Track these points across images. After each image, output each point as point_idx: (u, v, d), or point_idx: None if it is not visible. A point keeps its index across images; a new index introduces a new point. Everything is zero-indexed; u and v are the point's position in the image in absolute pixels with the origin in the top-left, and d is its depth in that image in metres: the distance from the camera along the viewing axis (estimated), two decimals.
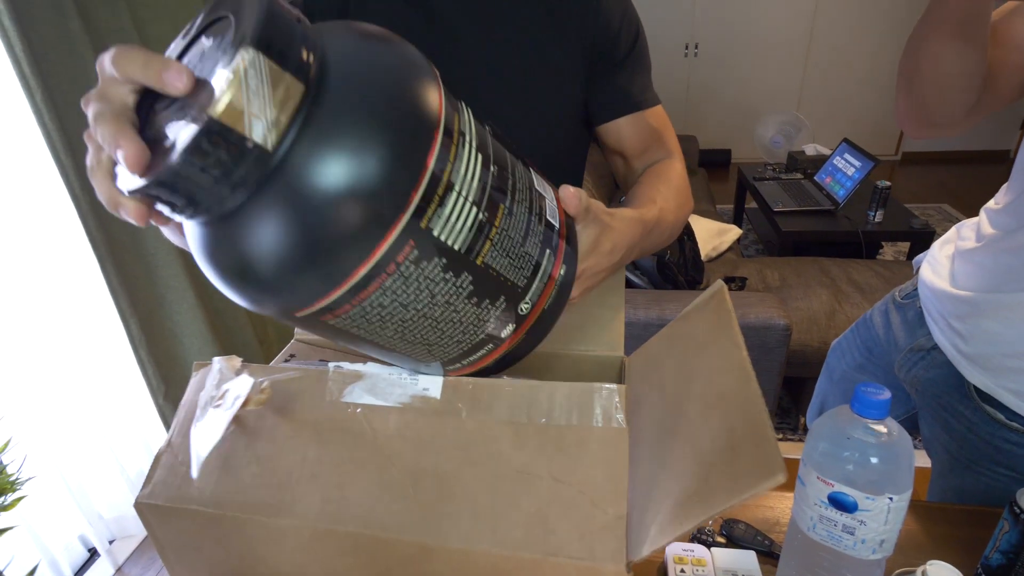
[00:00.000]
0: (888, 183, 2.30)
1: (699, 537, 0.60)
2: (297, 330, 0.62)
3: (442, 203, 0.29)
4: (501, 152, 0.35)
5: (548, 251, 0.36)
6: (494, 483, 0.34)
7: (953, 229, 0.73)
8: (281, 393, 0.40)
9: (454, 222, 0.30)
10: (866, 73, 4.04)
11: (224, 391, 0.39)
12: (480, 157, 0.32)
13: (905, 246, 2.91)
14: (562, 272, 0.38)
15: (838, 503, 0.49)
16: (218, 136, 0.24)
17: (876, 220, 2.33)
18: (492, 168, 0.33)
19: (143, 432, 1.46)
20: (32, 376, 1.21)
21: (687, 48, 4.08)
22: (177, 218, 0.29)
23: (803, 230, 2.35)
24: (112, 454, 1.37)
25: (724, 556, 0.56)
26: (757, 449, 0.25)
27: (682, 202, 0.63)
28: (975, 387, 0.65)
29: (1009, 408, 0.62)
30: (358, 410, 0.38)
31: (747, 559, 0.56)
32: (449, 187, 0.29)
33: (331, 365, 0.40)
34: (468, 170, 0.31)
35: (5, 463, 0.51)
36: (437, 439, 0.36)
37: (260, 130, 0.25)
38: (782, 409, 2.01)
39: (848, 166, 2.46)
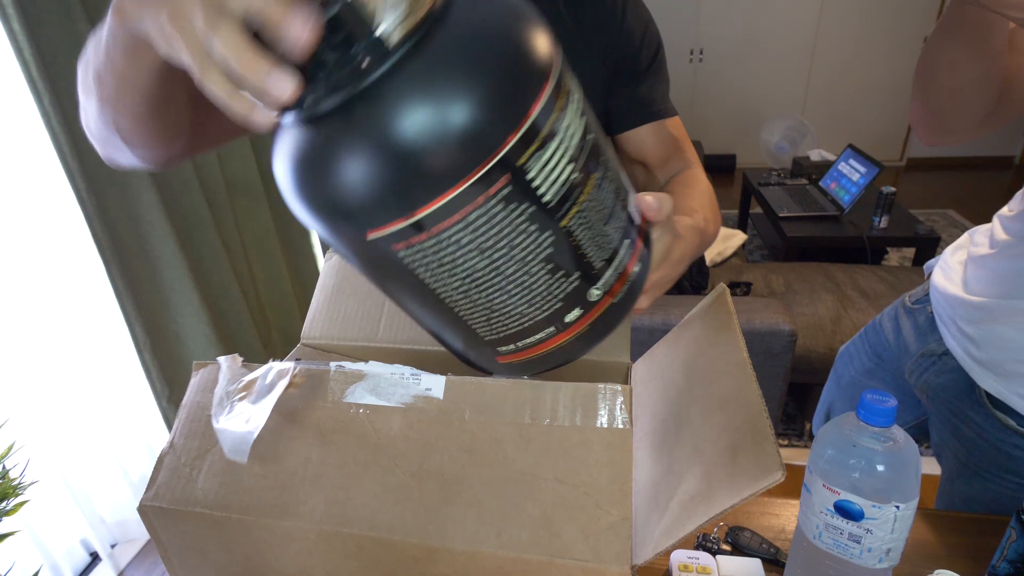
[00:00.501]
0: (893, 189, 2.30)
1: (704, 544, 0.60)
2: (304, 334, 0.62)
3: (543, 146, 0.29)
4: (599, 129, 0.35)
5: (627, 241, 0.36)
6: (499, 485, 0.34)
7: (966, 235, 0.72)
8: (284, 394, 0.40)
9: (549, 171, 0.30)
10: (871, 79, 4.03)
11: (246, 382, 0.39)
12: (583, 121, 0.32)
13: (910, 252, 2.90)
14: (635, 270, 0.37)
15: (844, 511, 0.48)
16: (347, 21, 0.25)
17: (881, 226, 2.32)
18: (590, 136, 0.33)
19: (146, 435, 1.47)
20: (35, 379, 1.21)
21: (692, 54, 4.08)
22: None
23: (808, 235, 2.34)
24: (115, 458, 1.37)
25: (729, 564, 0.56)
26: (756, 448, 0.25)
27: (716, 213, 0.63)
28: (987, 393, 0.65)
29: (1021, 414, 0.62)
30: (361, 411, 0.38)
31: (752, 567, 0.56)
32: (552, 134, 0.30)
33: (333, 365, 0.40)
34: (571, 126, 0.31)
35: (7, 467, 0.51)
36: (441, 440, 0.36)
37: (386, 26, 0.26)
38: (787, 415, 2.00)
39: (853, 172, 2.46)
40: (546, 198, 0.30)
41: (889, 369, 0.81)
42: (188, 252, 1.47)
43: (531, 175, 0.29)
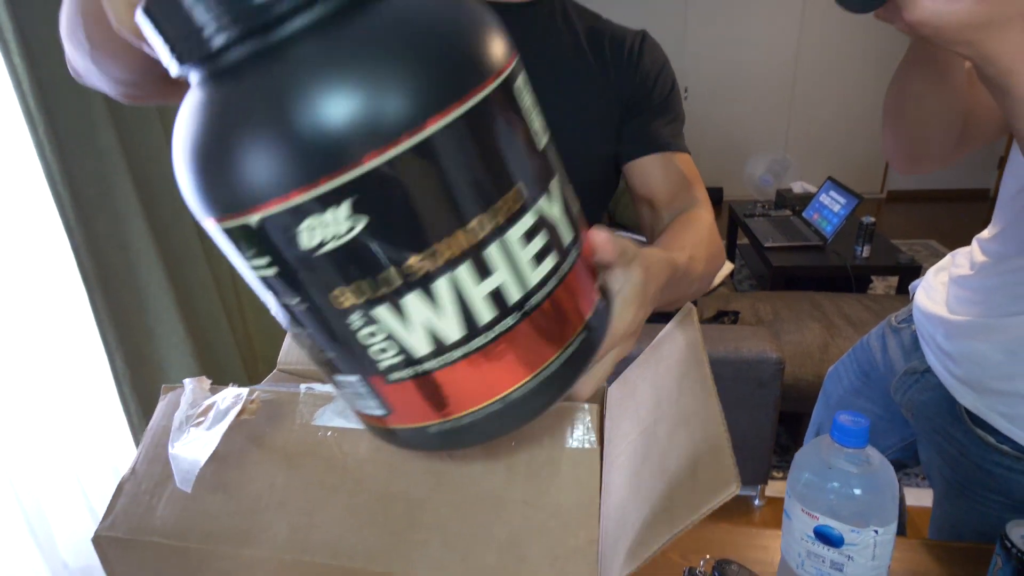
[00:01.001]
0: (873, 219, 2.35)
1: None
2: (280, 360, 0.61)
3: None
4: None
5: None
6: (465, 508, 0.33)
7: (948, 256, 0.74)
8: (250, 418, 0.40)
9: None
10: (849, 115, 4.18)
11: (205, 406, 0.38)
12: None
13: (895, 281, 2.94)
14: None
15: (824, 537, 0.48)
16: None
17: (863, 255, 2.37)
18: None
19: (119, 474, 1.42)
20: (5, 411, 1.18)
21: None
22: (166, 58, 0.24)
23: (793, 265, 2.38)
24: (84, 498, 1.32)
25: None
26: (714, 462, 0.25)
27: (713, 252, 0.59)
28: (967, 410, 0.65)
29: (999, 431, 0.62)
30: (328, 433, 0.37)
31: None
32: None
33: (303, 387, 0.40)
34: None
35: None
36: (408, 463, 0.35)
37: None
38: (780, 447, 1.98)
39: (834, 203, 2.52)
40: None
41: (877, 388, 0.82)
42: (176, 282, 1.46)
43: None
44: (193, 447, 0.36)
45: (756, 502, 1.76)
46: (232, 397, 0.39)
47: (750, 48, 4.08)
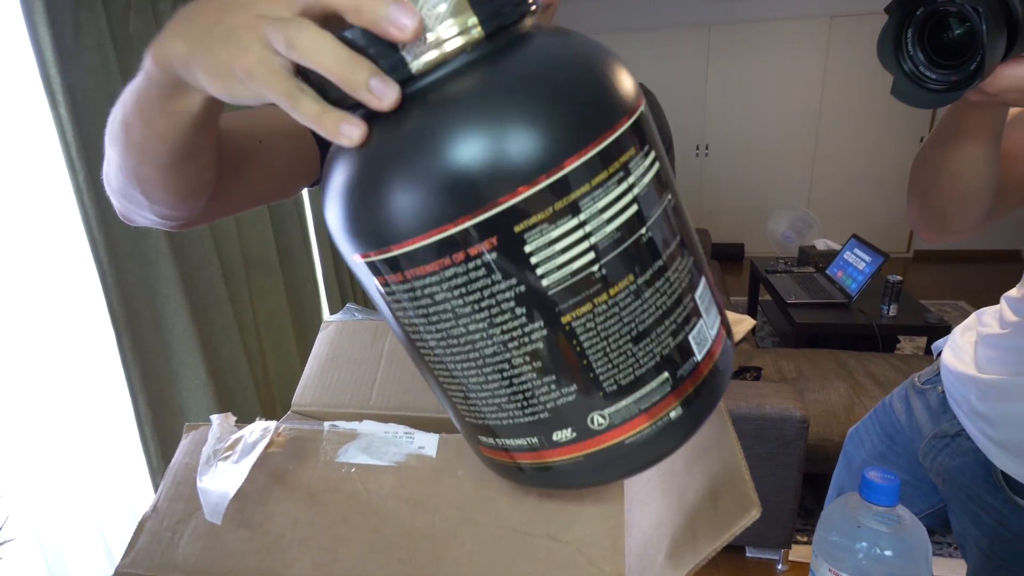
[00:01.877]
0: (899, 277, 2.32)
1: None
2: (294, 402, 0.61)
3: (554, 220, 0.25)
4: (674, 230, 0.29)
5: (664, 376, 0.28)
6: (491, 543, 0.33)
7: (973, 316, 0.73)
8: (275, 454, 0.40)
9: (557, 252, 0.25)
10: (873, 173, 4.19)
11: (232, 440, 0.39)
12: (635, 209, 0.27)
13: (923, 341, 2.86)
14: (673, 414, 0.28)
15: None
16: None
17: (890, 314, 2.32)
18: (642, 232, 0.27)
19: (136, 514, 1.42)
20: (29, 448, 1.20)
21: (698, 149, 4.31)
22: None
23: (817, 322, 2.34)
24: (101, 538, 1.32)
25: None
26: (734, 489, 0.25)
27: None
28: (1004, 475, 0.62)
29: None
30: (352, 470, 0.38)
31: None
32: (573, 209, 0.25)
33: (326, 425, 0.40)
34: (609, 211, 0.26)
35: None
36: (433, 498, 0.35)
37: (416, 49, 0.24)
38: (804, 510, 1.89)
39: (859, 260, 2.50)
40: (545, 282, 0.26)
41: (902, 452, 0.79)
42: (201, 327, 1.50)
43: (530, 248, 0.25)
44: (221, 480, 0.36)
45: (779, 566, 1.67)
46: (260, 431, 0.40)
47: (772, 104, 4.15)
